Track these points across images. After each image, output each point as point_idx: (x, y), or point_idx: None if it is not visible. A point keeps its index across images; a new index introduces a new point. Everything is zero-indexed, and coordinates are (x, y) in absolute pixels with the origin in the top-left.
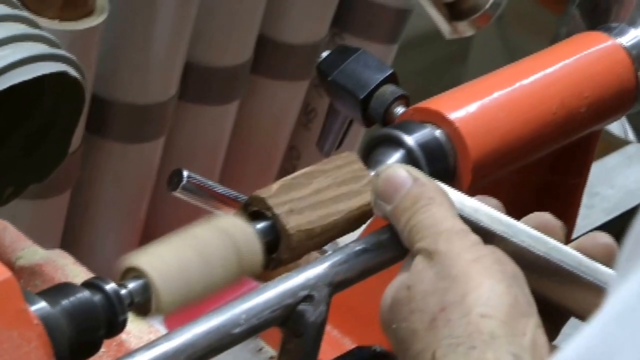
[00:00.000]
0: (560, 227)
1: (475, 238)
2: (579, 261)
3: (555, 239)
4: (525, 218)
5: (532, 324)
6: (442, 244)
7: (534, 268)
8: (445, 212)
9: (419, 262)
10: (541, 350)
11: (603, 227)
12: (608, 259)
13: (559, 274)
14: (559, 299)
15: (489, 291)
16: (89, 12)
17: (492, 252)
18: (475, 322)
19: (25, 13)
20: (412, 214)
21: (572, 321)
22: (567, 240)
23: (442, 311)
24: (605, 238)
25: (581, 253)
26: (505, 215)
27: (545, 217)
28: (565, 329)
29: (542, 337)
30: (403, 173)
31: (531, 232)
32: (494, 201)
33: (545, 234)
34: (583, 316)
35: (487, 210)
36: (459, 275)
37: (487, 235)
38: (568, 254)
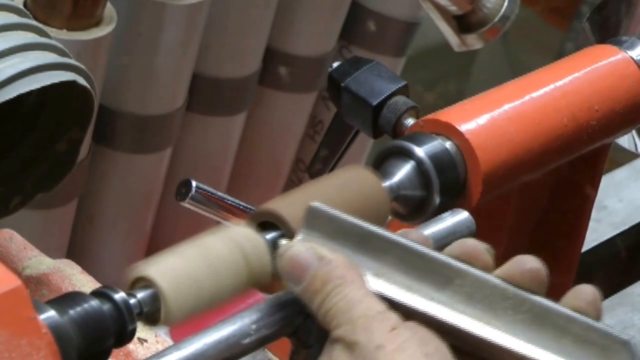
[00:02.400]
0: (486, 251)
1: (393, 319)
2: (504, 293)
3: (481, 265)
4: (449, 247)
5: None
6: (360, 334)
7: (452, 335)
8: (358, 292)
9: (339, 354)
10: None
11: (611, 241)
12: (537, 284)
13: (475, 342)
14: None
15: None
16: (96, 23)
17: (414, 334)
18: None
19: (34, 22)
20: (324, 297)
21: None
22: (499, 261)
23: None
24: (532, 263)
25: (508, 280)
26: (426, 253)
27: (469, 243)
28: None
29: None
30: (307, 252)
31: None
32: (417, 235)
33: (470, 262)
34: None
35: (398, 277)
36: None
37: (403, 307)
38: (493, 285)
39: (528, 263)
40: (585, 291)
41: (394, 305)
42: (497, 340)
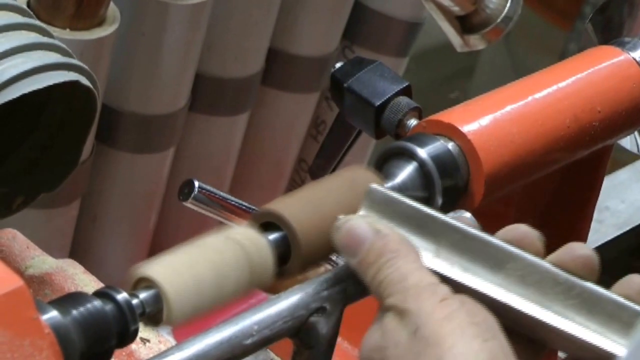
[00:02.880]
0: (538, 238)
1: (444, 291)
2: (555, 278)
3: (533, 251)
4: (501, 231)
5: None
6: (411, 302)
7: (503, 314)
8: (411, 264)
9: (390, 320)
10: None
11: (613, 242)
12: (588, 271)
13: (526, 322)
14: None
15: (463, 351)
16: (100, 22)
17: (463, 304)
18: None
19: (37, 22)
20: (378, 269)
21: None
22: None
23: None
24: (583, 250)
25: (559, 266)
26: (481, 237)
27: (522, 228)
28: None
29: None
30: (364, 226)
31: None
32: (470, 220)
33: (522, 247)
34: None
35: (453, 258)
36: (431, 337)
37: (455, 283)
38: (544, 270)
39: (579, 250)
40: (635, 280)
41: (445, 280)
42: (547, 319)
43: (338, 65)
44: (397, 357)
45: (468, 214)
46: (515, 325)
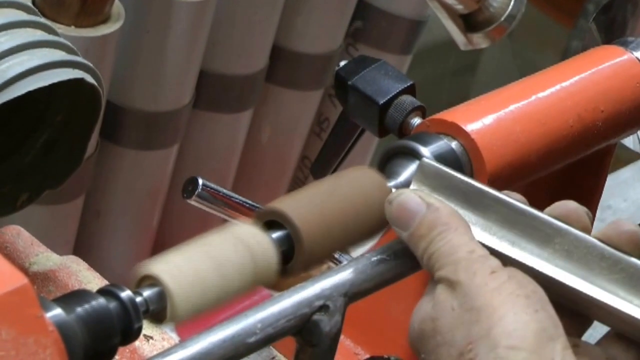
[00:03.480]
0: (585, 213)
1: (494, 263)
2: (601, 253)
3: (580, 227)
4: (550, 207)
5: (559, 347)
6: (462, 274)
7: (550, 288)
8: (462, 237)
9: (441, 292)
10: None
11: None
12: (633, 247)
13: (571, 296)
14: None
15: (514, 322)
16: (104, 20)
17: (513, 276)
18: (504, 356)
19: (42, 19)
20: (429, 242)
21: None
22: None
23: (469, 345)
24: (629, 226)
25: (606, 242)
26: (529, 212)
27: (570, 205)
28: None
29: (571, 358)
30: (416, 199)
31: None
32: (518, 196)
33: (570, 223)
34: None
35: (502, 232)
36: (482, 307)
37: (504, 257)
38: (591, 245)
39: (625, 226)
40: None
41: (494, 254)
42: (592, 293)
43: (342, 63)
44: (448, 327)
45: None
46: (561, 299)
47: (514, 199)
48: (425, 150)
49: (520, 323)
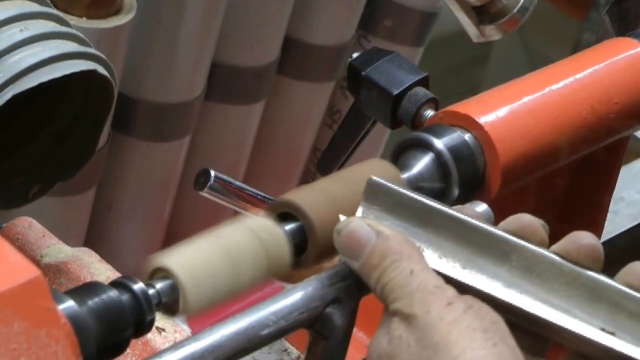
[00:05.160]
0: (541, 226)
1: (450, 293)
2: (560, 268)
3: (537, 241)
4: (504, 222)
5: None
6: (417, 307)
7: (508, 312)
8: (415, 266)
9: (397, 326)
10: None
11: (629, 232)
12: (593, 260)
13: (531, 319)
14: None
15: (472, 358)
16: (116, 11)
17: (470, 307)
18: None
19: (54, 11)
20: (381, 272)
21: None
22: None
23: None
24: (588, 239)
25: (564, 255)
26: (483, 229)
27: (525, 218)
28: None
29: None
30: (365, 227)
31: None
32: (472, 212)
33: (525, 237)
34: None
35: (456, 252)
36: (440, 343)
37: (460, 284)
38: (549, 261)
39: (584, 239)
40: (639, 268)
41: (450, 281)
42: (552, 318)
43: (355, 54)
44: None
45: (485, 205)
46: (521, 322)
47: (468, 216)
48: (439, 142)
49: (479, 358)
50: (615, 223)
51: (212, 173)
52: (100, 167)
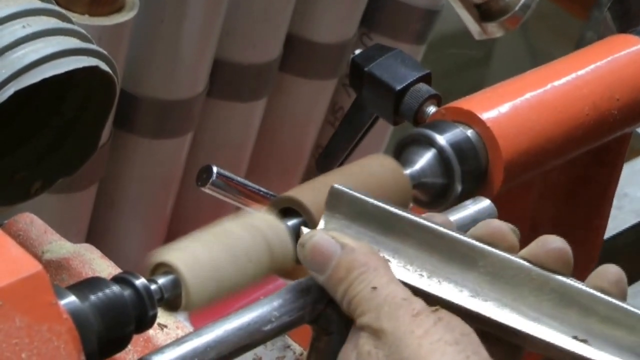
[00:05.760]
0: (511, 231)
1: (419, 305)
2: (529, 274)
3: (506, 246)
4: (473, 228)
5: None
6: (385, 321)
7: (481, 322)
8: (382, 278)
9: (365, 341)
10: None
11: (632, 229)
12: (562, 264)
13: (501, 328)
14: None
15: None
16: (118, 8)
17: (439, 319)
18: None
19: (56, 7)
20: (348, 285)
21: None
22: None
23: None
24: (556, 242)
25: (532, 260)
26: (450, 235)
27: (493, 224)
28: None
29: None
30: (329, 240)
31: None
32: (441, 218)
33: (494, 243)
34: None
35: (422, 260)
36: (410, 357)
37: (427, 295)
38: (518, 266)
39: (552, 243)
40: (610, 271)
41: (418, 292)
42: (521, 327)
43: (358, 51)
44: None
45: (487, 201)
46: (492, 331)
47: (436, 222)
48: (441, 138)
49: None
50: (619, 219)
51: (215, 169)
52: (102, 164)
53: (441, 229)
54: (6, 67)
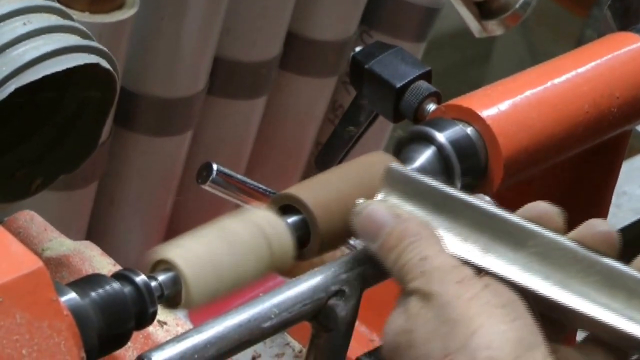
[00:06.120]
0: (558, 214)
1: (468, 272)
2: (576, 255)
3: (553, 228)
4: (522, 209)
5: (540, 356)
6: (436, 285)
7: (527, 296)
8: (433, 247)
9: (415, 304)
10: None
11: (631, 227)
12: (608, 247)
13: (547, 304)
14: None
15: (491, 332)
16: (119, 6)
17: (488, 285)
18: None
19: (57, 4)
20: (399, 253)
21: None
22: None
23: (446, 357)
24: (603, 226)
25: (580, 243)
26: (501, 215)
27: (541, 206)
28: None
29: None
30: (384, 210)
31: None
32: (489, 199)
33: (542, 224)
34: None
35: (474, 238)
36: (459, 318)
37: (477, 267)
38: (565, 247)
39: (599, 226)
40: None
41: (468, 265)
42: (567, 302)
43: (358, 48)
44: (424, 340)
45: (487, 198)
46: (536, 306)
47: (485, 203)
48: (441, 136)
49: (498, 333)
50: (618, 217)
51: (214, 167)
52: (103, 162)
53: (493, 208)
54: (7, 64)
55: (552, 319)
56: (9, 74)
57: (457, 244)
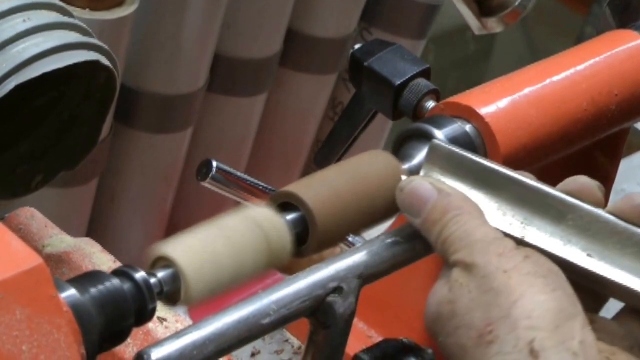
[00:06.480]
0: (597, 187)
1: (509, 244)
2: (615, 228)
3: (592, 201)
4: (562, 183)
5: (578, 325)
6: (478, 256)
7: (567, 269)
8: (475, 220)
9: (457, 275)
10: (591, 350)
11: None
12: None
13: (586, 276)
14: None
15: (532, 302)
16: (119, 2)
17: (528, 256)
18: (523, 336)
19: (57, 1)
20: (442, 226)
21: None
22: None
23: (488, 326)
24: None
25: (619, 216)
26: (541, 189)
27: (581, 180)
28: None
29: (590, 336)
30: (427, 185)
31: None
32: (529, 174)
33: (582, 198)
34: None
35: (515, 211)
36: (500, 288)
37: (517, 240)
38: (604, 220)
39: (638, 199)
40: None
41: (509, 237)
42: (607, 274)
43: (357, 46)
44: (466, 309)
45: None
46: (575, 278)
47: (526, 177)
48: (439, 133)
49: (538, 303)
50: None
51: (214, 164)
52: (103, 158)
53: (533, 182)
54: (7, 61)
55: (589, 290)
56: (9, 70)
57: (498, 217)
